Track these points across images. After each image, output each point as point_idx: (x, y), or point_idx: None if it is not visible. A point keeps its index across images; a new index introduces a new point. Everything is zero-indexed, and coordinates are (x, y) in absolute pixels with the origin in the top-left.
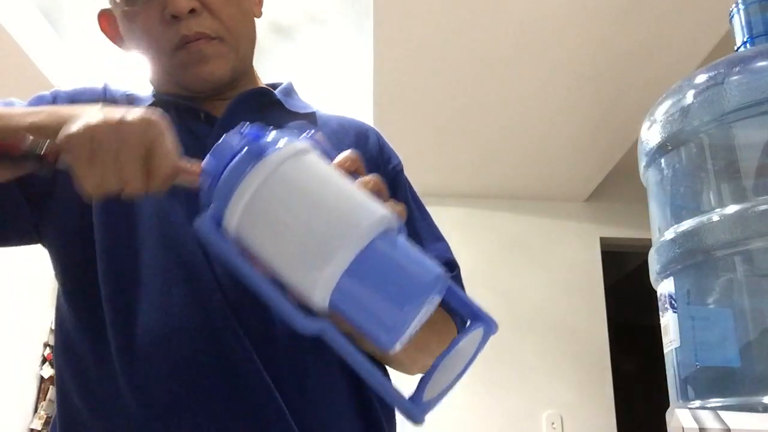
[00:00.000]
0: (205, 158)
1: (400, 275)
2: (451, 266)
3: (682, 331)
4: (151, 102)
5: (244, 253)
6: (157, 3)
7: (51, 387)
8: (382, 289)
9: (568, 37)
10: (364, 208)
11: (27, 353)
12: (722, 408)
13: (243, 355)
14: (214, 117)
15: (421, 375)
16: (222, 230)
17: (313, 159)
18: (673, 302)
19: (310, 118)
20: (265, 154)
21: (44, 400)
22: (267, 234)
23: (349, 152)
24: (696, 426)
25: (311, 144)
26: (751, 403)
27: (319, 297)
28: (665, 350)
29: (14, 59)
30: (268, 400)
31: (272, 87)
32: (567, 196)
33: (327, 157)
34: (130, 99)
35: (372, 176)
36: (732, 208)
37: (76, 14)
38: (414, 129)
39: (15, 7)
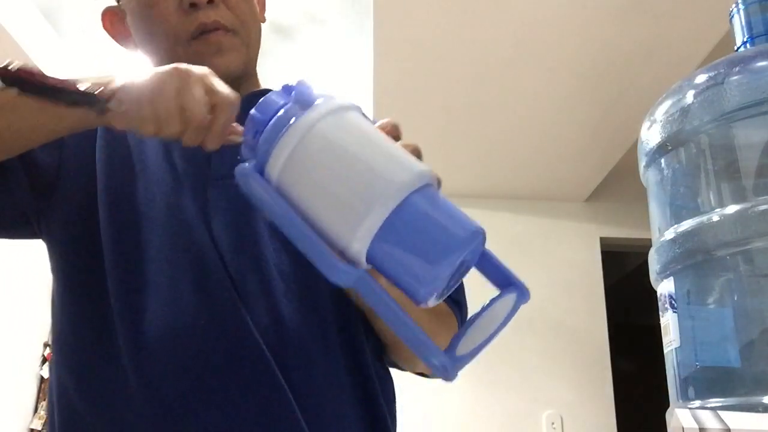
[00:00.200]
0: (251, 111)
1: (437, 230)
2: None
3: (682, 331)
4: None
5: (284, 202)
6: None
7: None
8: (419, 242)
9: (568, 37)
10: (404, 163)
11: (27, 353)
12: (722, 408)
13: (255, 352)
14: None
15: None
16: (264, 178)
17: (357, 116)
18: (673, 302)
19: None
20: (312, 105)
21: (44, 400)
22: (308, 184)
23: (390, 119)
24: (696, 426)
25: (355, 105)
26: (751, 403)
27: (357, 248)
28: (665, 350)
29: (14, 59)
30: (278, 398)
31: None
32: (567, 196)
33: (369, 120)
34: None
35: (411, 142)
36: (732, 208)
37: (76, 14)
38: (414, 129)
39: (15, 7)
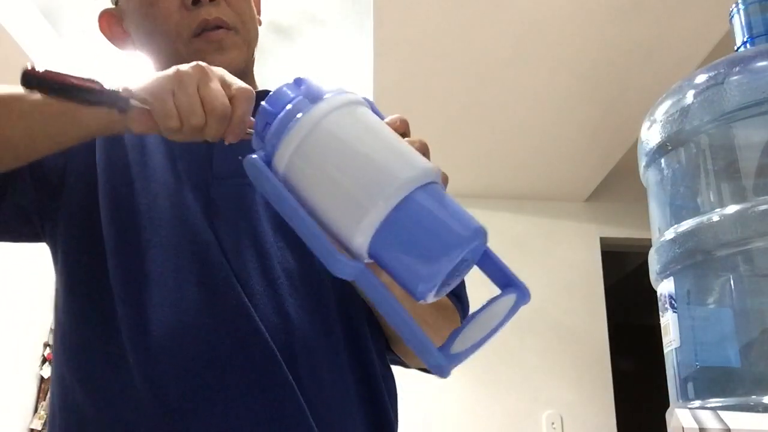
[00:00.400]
0: (262, 103)
1: (438, 227)
2: None
3: (682, 331)
4: None
5: (289, 193)
6: None
7: None
8: (419, 238)
9: (568, 37)
10: (410, 159)
11: (27, 353)
12: (722, 408)
13: (262, 350)
14: None
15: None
16: (271, 170)
17: (366, 111)
18: (673, 302)
19: None
20: (321, 99)
21: (44, 400)
22: (314, 177)
23: (399, 115)
24: (696, 426)
25: (365, 101)
26: (751, 403)
27: (360, 242)
28: (665, 350)
29: (14, 59)
30: (288, 395)
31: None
32: (567, 196)
33: (378, 115)
34: None
35: (418, 138)
36: (732, 208)
37: (76, 14)
38: (414, 129)
39: (15, 6)
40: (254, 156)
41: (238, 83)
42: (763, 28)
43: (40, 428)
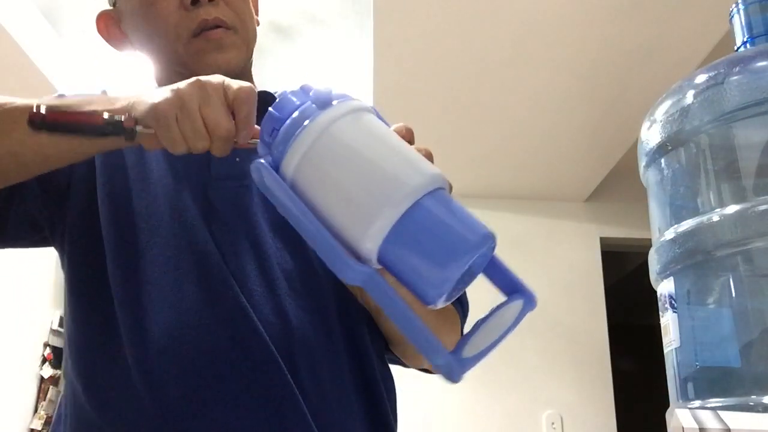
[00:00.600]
0: (269, 108)
1: (448, 232)
2: None
3: (682, 331)
4: None
5: (298, 200)
6: None
7: (51, 387)
8: (429, 244)
9: (568, 37)
10: (418, 166)
11: (27, 353)
12: (722, 408)
13: (262, 350)
14: None
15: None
16: (279, 175)
17: (373, 118)
18: (673, 302)
19: None
20: (329, 105)
21: (44, 400)
22: (323, 183)
23: (404, 124)
24: (696, 426)
25: (372, 108)
26: (751, 403)
27: (369, 248)
28: (665, 350)
29: (14, 59)
30: (286, 396)
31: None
32: (567, 196)
33: (383, 122)
34: None
35: (423, 146)
36: (732, 208)
37: (76, 14)
38: (414, 129)
39: (15, 7)
40: (261, 161)
41: (238, 85)
42: (763, 28)
43: (40, 428)
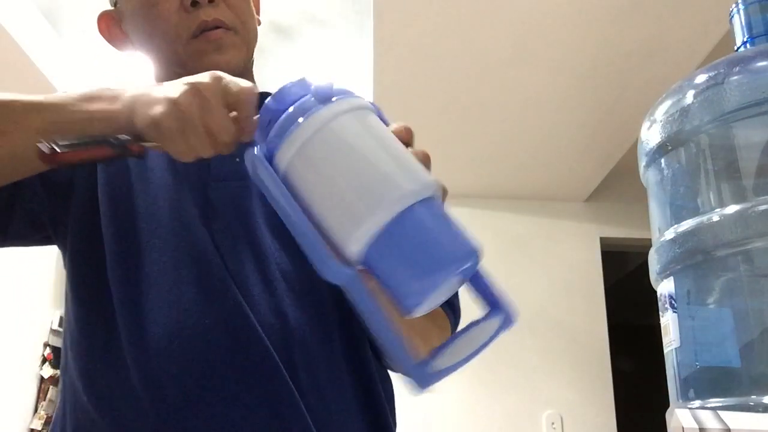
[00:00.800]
0: (267, 99)
1: (433, 243)
2: None
3: (682, 331)
4: None
5: (288, 192)
6: None
7: (51, 387)
8: (414, 252)
9: (568, 37)
10: (411, 172)
11: (27, 353)
12: (722, 408)
13: (260, 350)
14: None
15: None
16: (272, 166)
17: (373, 118)
18: (673, 302)
19: None
20: (329, 101)
21: (44, 400)
22: (315, 179)
23: (404, 123)
24: (696, 426)
25: (372, 107)
26: (751, 403)
27: (354, 248)
28: (665, 350)
29: (14, 59)
30: (285, 396)
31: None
32: (567, 196)
33: (383, 122)
34: None
35: (421, 149)
36: (732, 208)
37: (76, 14)
38: (414, 129)
39: (15, 7)
40: (255, 152)
41: (238, 86)
42: (763, 28)
43: (40, 428)
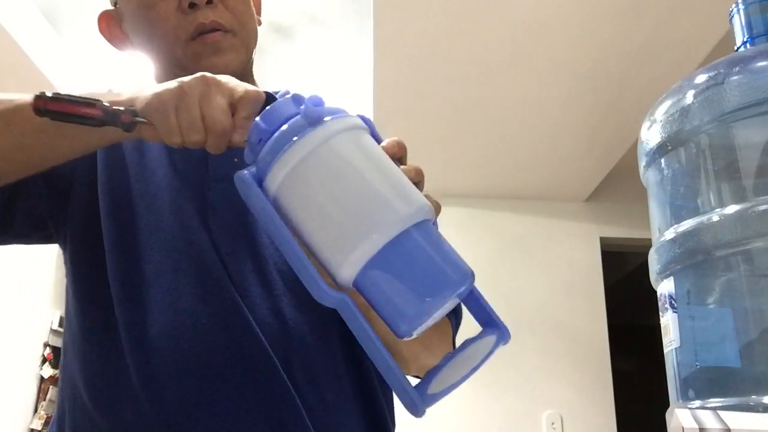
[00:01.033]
0: (259, 115)
1: (429, 267)
2: None
3: (682, 331)
4: None
5: (279, 215)
6: None
7: (51, 387)
8: (408, 278)
9: (568, 38)
10: (405, 196)
11: (27, 353)
12: (722, 408)
13: (258, 350)
14: None
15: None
16: (262, 188)
17: (365, 138)
18: (673, 302)
19: None
20: (321, 122)
21: (44, 400)
22: (306, 202)
23: (397, 138)
24: (696, 426)
25: (364, 124)
26: (751, 403)
27: (346, 274)
28: (665, 350)
29: (14, 59)
30: (283, 395)
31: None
32: (567, 196)
33: (375, 139)
34: None
35: (414, 166)
36: (732, 208)
37: (76, 14)
38: (414, 129)
39: (15, 7)
40: (245, 172)
41: (245, 87)
42: (763, 28)
43: (40, 428)
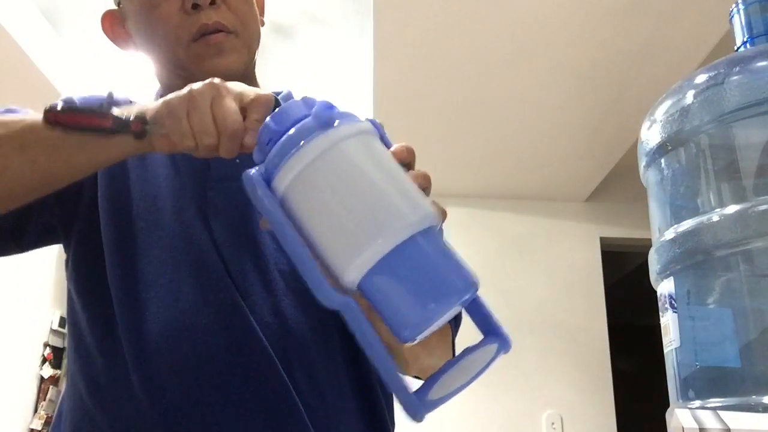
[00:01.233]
0: (269, 116)
1: (433, 274)
2: None
3: (682, 331)
4: None
5: (286, 216)
6: None
7: (51, 387)
8: (413, 284)
9: (568, 37)
10: (412, 202)
11: (27, 353)
12: (722, 408)
13: (258, 349)
14: None
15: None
16: (270, 188)
17: (375, 143)
18: (673, 302)
19: None
20: (332, 125)
21: (44, 400)
22: (314, 205)
23: (405, 144)
24: (696, 426)
25: (374, 128)
26: (751, 403)
27: (350, 278)
28: (665, 350)
29: (14, 59)
30: (283, 396)
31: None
32: (567, 196)
33: (384, 143)
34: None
35: (422, 171)
36: (732, 208)
37: (76, 14)
38: (414, 129)
39: (15, 7)
40: (254, 171)
41: (255, 91)
42: (763, 28)
43: (40, 428)
